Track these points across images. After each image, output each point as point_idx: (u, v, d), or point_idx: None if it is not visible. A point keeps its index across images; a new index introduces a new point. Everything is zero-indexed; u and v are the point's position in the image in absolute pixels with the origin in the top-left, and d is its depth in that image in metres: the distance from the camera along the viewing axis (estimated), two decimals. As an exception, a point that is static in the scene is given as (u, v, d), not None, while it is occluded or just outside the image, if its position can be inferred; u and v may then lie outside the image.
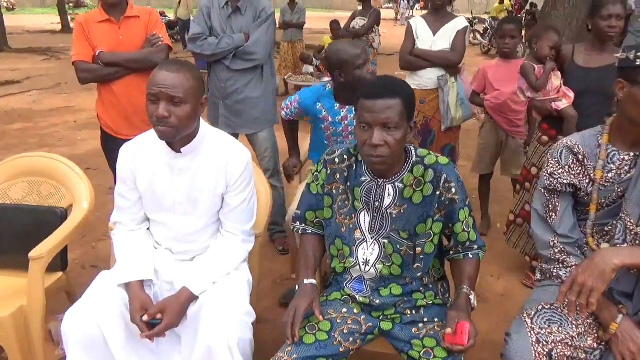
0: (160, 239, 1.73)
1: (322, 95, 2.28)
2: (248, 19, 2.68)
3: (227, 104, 2.82)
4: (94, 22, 2.43)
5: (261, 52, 2.69)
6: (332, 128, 2.26)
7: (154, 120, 1.48)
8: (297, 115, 2.40)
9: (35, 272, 1.69)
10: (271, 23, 2.73)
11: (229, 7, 2.70)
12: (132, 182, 1.66)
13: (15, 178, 2.04)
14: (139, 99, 2.49)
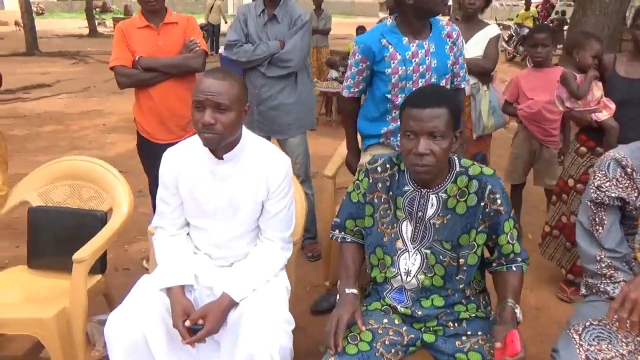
0: (199, 244, 1.74)
1: (385, 31, 1.97)
2: (284, 27, 2.70)
3: (260, 109, 2.85)
4: (134, 28, 2.48)
5: (296, 59, 2.70)
6: (400, 69, 1.94)
7: (199, 127, 1.50)
8: (362, 75, 2.04)
9: (78, 275, 1.72)
10: (306, 30, 2.75)
11: (265, 15, 2.73)
12: (174, 188, 1.68)
13: (57, 181, 2.08)
14: (175, 104, 2.54)
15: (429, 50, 1.98)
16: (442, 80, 2.03)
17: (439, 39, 2.02)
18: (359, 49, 2.01)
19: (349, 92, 2.13)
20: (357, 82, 2.08)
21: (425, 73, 1.98)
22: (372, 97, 2.11)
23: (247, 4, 2.82)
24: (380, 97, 2.05)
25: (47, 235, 1.99)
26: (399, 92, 1.98)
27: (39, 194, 2.06)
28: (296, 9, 2.75)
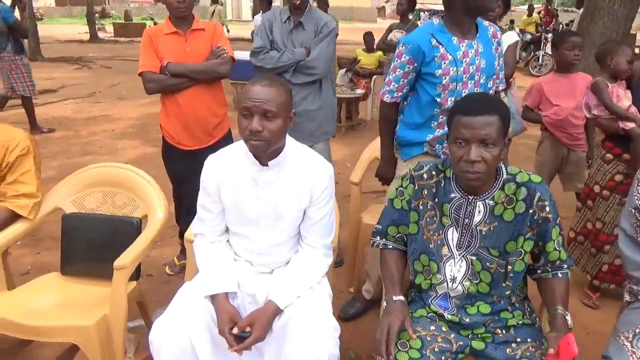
0: (240, 251, 1.74)
1: (434, 31, 1.91)
2: (309, 34, 2.71)
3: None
4: (162, 34, 2.49)
5: (322, 67, 2.71)
6: (452, 69, 1.89)
7: (247, 134, 1.50)
8: (407, 77, 1.98)
9: (119, 282, 1.71)
10: (332, 38, 2.75)
11: (290, 22, 2.74)
12: (216, 195, 1.68)
13: (90, 187, 2.07)
14: (201, 110, 2.54)
15: (478, 50, 1.94)
16: (489, 81, 2.01)
17: (486, 39, 2.00)
18: (407, 50, 1.93)
19: (392, 97, 2.06)
20: (401, 85, 2.01)
21: (475, 74, 1.94)
22: (417, 102, 2.04)
23: (272, 10, 2.83)
24: (427, 101, 1.98)
25: (80, 242, 1.98)
26: (448, 95, 1.93)
27: (72, 201, 2.05)
28: (322, 16, 2.76)
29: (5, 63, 5.24)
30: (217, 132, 2.64)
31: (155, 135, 5.80)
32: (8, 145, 1.93)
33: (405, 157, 2.14)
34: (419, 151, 2.09)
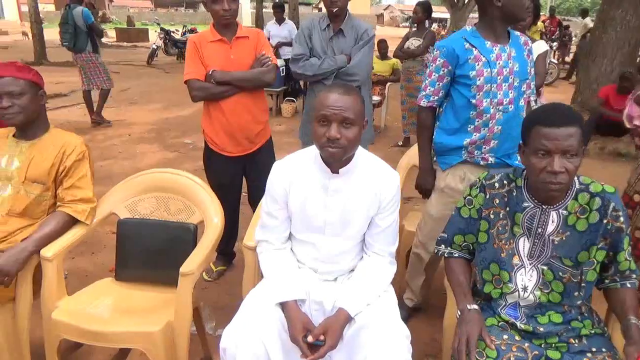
0: (304, 259, 1.74)
1: (467, 35, 2.00)
2: (350, 41, 2.73)
3: None
4: (207, 42, 2.50)
5: (362, 74, 2.73)
6: (485, 71, 1.95)
7: (323, 141, 1.51)
8: (442, 81, 2.04)
9: (185, 288, 1.71)
10: (372, 45, 2.78)
11: (330, 30, 2.76)
12: (283, 202, 1.68)
13: (143, 193, 2.07)
14: (244, 117, 2.55)
15: (511, 54, 2.01)
16: (523, 85, 2.06)
17: (518, 45, 2.07)
18: (441, 54, 2.01)
19: (428, 101, 2.12)
20: (437, 89, 2.08)
21: (509, 77, 2.00)
22: (452, 107, 2.09)
23: (310, 18, 2.85)
24: (462, 104, 2.04)
25: (136, 247, 1.98)
26: (483, 97, 1.99)
27: (126, 206, 2.05)
28: (361, 23, 2.78)
29: (84, 61, 5.92)
30: (259, 139, 2.65)
31: (172, 140, 5.82)
32: (65, 150, 1.94)
33: (445, 167, 2.16)
34: (457, 159, 2.12)
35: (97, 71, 6.03)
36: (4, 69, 1.87)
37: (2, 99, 1.84)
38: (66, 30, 5.75)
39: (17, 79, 1.86)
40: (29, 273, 1.78)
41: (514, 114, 2.06)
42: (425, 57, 5.45)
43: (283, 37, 7.18)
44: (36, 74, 1.96)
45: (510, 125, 2.05)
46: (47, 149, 1.93)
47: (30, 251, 1.76)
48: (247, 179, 2.77)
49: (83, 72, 6.02)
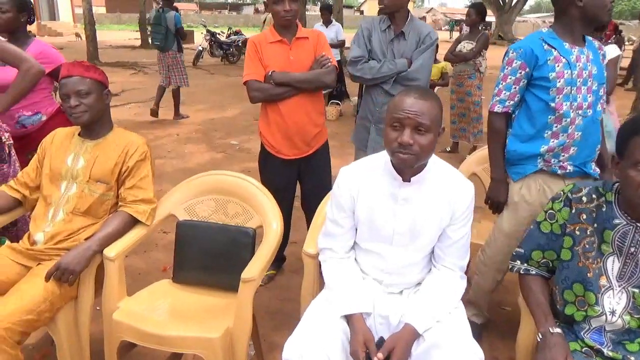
0: (369, 269, 1.67)
1: (545, 36, 1.91)
2: (411, 44, 2.64)
3: (379, 128, 2.78)
4: (267, 43, 2.47)
5: (423, 79, 2.62)
6: (566, 72, 1.85)
7: (394, 147, 1.44)
8: (519, 84, 1.94)
9: (245, 294, 1.67)
10: (433, 49, 2.67)
11: (390, 31, 2.67)
12: (350, 209, 1.62)
13: (202, 195, 2.05)
14: (302, 119, 2.51)
15: (589, 57, 1.91)
16: (600, 89, 1.95)
17: (594, 49, 1.96)
18: (518, 55, 1.92)
19: (504, 106, 1.99)
20: (513, 93, 1.96)
21: (588, 79, 1.89)
22: (527, 111, 1.97)
23: (371, 19, 2.76)
24: (539, 108, 1.92)
25: (194, 250, 1.96)
26: (563, 100, 1.88)
27: (185, 208, 2.04)
28: (424, 26, 2.67)
29: (169, 59, 6.58)
30: (315, 142, 2.59)
31: (219, 141, 5.87)
32: (127, 150, 1.94)
33: (517, 177, 2.02)
34: (532, 168, 1.98)
35: (179, 70, 6.64)
36: (72, 68, 1.88)
37: (70, 98, 1.86)
38: (158, 31, 6.45)
39: (84, 78, 1.88)
40: (92, 272, 1.78)
41: (592, 119, 1.92)
42: (477, 60, 5.28)
43: (330, 39, 7.13)
44: (102, 73, 1.97)
45: (589, 131, 1.92)
46: (111, 149, 1.94)
47: (94, 250, 1.76)
48: (301, 183, 2.72)
49: (165, 69, 6.64)
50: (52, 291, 1.69)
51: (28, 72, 2.20)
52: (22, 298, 1.63)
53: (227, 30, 16.49)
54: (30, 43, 2.50)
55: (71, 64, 1.90)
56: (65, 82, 1.87)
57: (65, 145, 1.97)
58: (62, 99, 1.90)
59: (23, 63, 2.19)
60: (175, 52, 6.56)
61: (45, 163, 1.97)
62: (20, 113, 2.48)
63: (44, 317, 1.67)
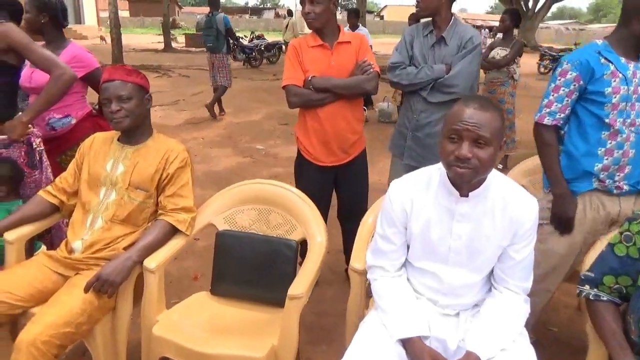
0: (422, 289, 1.57)
1: (602, 49, 1.83)
2: (452, 49, 2.53)
3: (416, 135, 2.69)
4: (308, 47, 2.40)
5: (461, 85, 2.48)
6: (622, 88, 1.77)
7: (452, 160, 1.34)
8: (571, 97, 1.85)
9: (292, 312, 1.58)
10: (476, 54, 2.55)
11: (432, 36, 2.57)
12: (402, 225, 1.52)
13: (243, 204, 1.98)
14: (341, 126, 2.42)
15: None
16: None
17: None
18: (574, 66, 1.83)
19: (554, 119, 1.88)
20: (564, 105, 1.86)
21: None
22: (578, 127, 1.87)
23: (415, 25, 2.67)
24: (592, 124, 1.83)
25: (234, 261, 1.88)
26: (617, 116, 1.78)
27: (225, 217, 1.97)
28: (467, 30, 2.55)
29: (217, 60, 6.93)
30: (354, 149, 2.50)
31: (244, 145, 5.82)
32: (168, 156, 1.88)
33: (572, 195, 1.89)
34: (587, 187, 1.85)
35: (225, 71, 7.00)
36: (113, 72, 1.83)
37: (111, 102, 1.80)
38: (210, 33, 6.84)
39: (126, 83, 1.82)
40: (131, 283, 1.72)
41: None
42: (511, 68, 5.14)
43: (356, 44, 7.05)
44: (144, 77, 1.91)
45: None
46: (151, 155, 1.88)
47: (134, 261, 1.70)
48: (337, 191, 2.62)
49: (214, 69, 7.02)
50: (91, 303, 1.63)
51: (59, 78, 2.14)
52: (61, 310, 1.57)
53: (250, 34, 16.56)
54: (65, 47, 2.46)
55: (113, 68, 1.85)
56: (107, 86, 1.82)
57: (104, 151, 1.92)
58: (102, 104, 1.84)
59: (55, 69, 2.13)
60: (224, 53, 6.95)
61: (84, 168, 1.92)
62: (51, 115, 2.44)
63: (82, 330, 1.61)
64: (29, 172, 2.19)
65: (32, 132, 2.21)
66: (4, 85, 2.05)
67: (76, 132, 2.49)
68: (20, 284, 1.69)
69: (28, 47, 2.07)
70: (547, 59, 15.69)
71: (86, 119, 2.56)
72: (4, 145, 2.09)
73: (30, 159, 2.17)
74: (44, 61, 2.13)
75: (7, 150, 2.10)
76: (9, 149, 2.11)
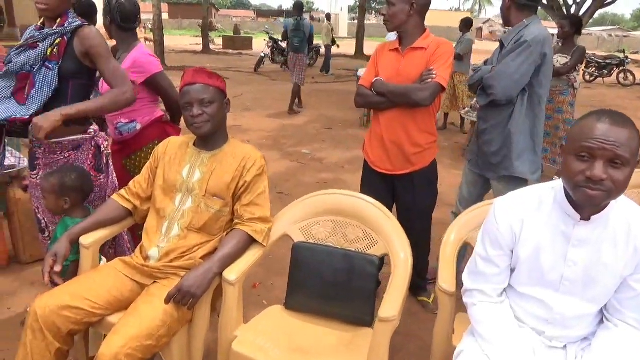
0: (525, 317, 1.44)
1: None
2: (507, 51, 2.39)
3: (479, 142, 2.59)
4: (386, 50, 2.36)
5: (499, 86, 2.28)
6: None
7: (581, 180, 1.21)
8: None
9: (382, 336, 1.48)
10: (522, 53, 2.25)
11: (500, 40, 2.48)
12: (508, 248, 1.40)
13: (319, 216, 1.89)
14: (398, 135, 2.32)
15: None
16: None
17: None
18: None
19: None
20: None
21: None
22: None
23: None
24: None
25: (311, 275, 1.80)
26: None
27: (300, 228, 1.88)
28: (532, 31, 2.30)
29: (297, 60, 7.70)
30: (415, 161, 2.37)
31: (290, 149, 5.77)
32: (245, 163, 1.81)
33: None
34: None
35: (301, 70, 7.76)
36: (196, 75, 1.77)
37: (193, 106, 1.75)
38: (297, 35, 7.65)
39: (208, 86, 1.76)
40: (209, 296, 1.66)
41: None
42: (572, 76, 4.91)
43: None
44: (223, 81, 1.86)
45: None
46: (228, 162, 1.81)
47: (215, 273, 1.63)
48: (396, 202, 2.50)
49: (295, 68, 7.77)
50: (171, 314, 1.57)
51: (117, 96, 1.97)
52: (142, 321, 1.51)
53: (288, 37, 16.59)
54: (131, 50, 2.42)
55: (195, 71, 1.79)
56: (188, 89, 1.76)
57: (180, 156, 1.86)
58: (182, 108, 1.79)
59: (119, 86, 1.98)
60: (304, 54, 7.75)
61: (159, 174, 1.87)
62: (119, 120, 2.42)
63: (162, 343, 1.55)
64: (94, 175, 2.16)
65: (101, 135, 2.18)
66: (79, 88, 2.02)
67: (142, 138, 2.46)
68: (98, 291, 1.64)
69: (103, 56, 1.98)
70: (593, 66, 15.17)
71: (152, 125, 2.51)
72: (73, 147, 2.05)
73: (97, 162, 2.13)
74: (112, 75, 1.99)
75: (75, 153, 2.06)
76: (77, 150, 2.07)
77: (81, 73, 1.99)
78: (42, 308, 1.56)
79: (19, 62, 1.91)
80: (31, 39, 1.93)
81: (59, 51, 1.91)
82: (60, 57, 1.92)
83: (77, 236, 1.79)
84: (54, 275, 1.68)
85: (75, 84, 1.99)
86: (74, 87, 1.99)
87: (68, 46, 1.93)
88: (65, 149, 2.02)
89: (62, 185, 1.90)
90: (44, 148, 2.01)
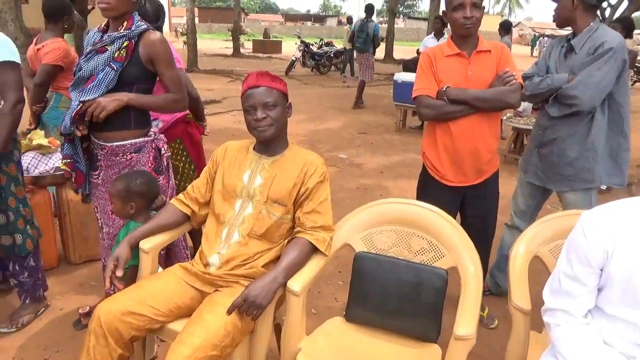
0: (614, 340, 1.34)
1: None
2: (581, 57, 2.27)
3: (541, 152, 2.47)
4: (443, 56, 2.22)
5: (583, 97, 2.20)
6: None
7: None
8: None
9: (458, 354, 1.41)
10: (608, 60, 2.17)
11: (568, 44, 2.35)
12: (598, 266, 1.30)
13: (381, 225, 1.83)
14: (475, 143, 2.21)
15: None
16: None
17: None
18: None
19: None
20: None
21: None
22: None
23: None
24: None
25: (373, 287, 1.73)
26: None
27: (362, 238, 1.82)
28: (604, 35, 2.23)
29: (362, 59, 8.67)
30: (486, 169, 2.29)
31: (327, 154, 5.71)
32: (307, 170, 1.76)
33: None
34: None
35: (368, 68, 8.61)
36: (260, 78, 1.74)
37: (256, 110, 1.71)
38: (360, 36, 8.59)
39: (272, 89, 1.73)
40: (272, 306, 1.60)
41: None
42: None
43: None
44: (285, 84, 1.81)
45: None
46: (289, 167, 1.77)
47: (280, 283, 1.58)
48: (462, 212, 2.41)
49: (361, 66, 8.67)
50: (235, 324, 1.53)
51: (174, 101, 2.06)
52: (207, 331, 1.47)
53: (319, 41, 16.62)
54: None
55: (259, 74, 1.76)
56: (251, 92, 1.73)
57: (240, 160, 1.83)
58: (245, 111, 1.76)
59: (176, 93, 2.05)
60: (369, 53, 8.57)
61: (217, 178, 1.84)
62: None
63: (225, 353, 1.51)
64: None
65: (161, 137, 2.18)
66: (141, 92, 2.02)
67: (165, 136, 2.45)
68: (161, 298, 1.62)
69: (166, 63, 1.99)
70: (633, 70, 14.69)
71: (175, 125, 2.53)
72: (135, 149, 2.05)
73: (157, 165, 2.12)
74: (171, 81, 2.02)
75: (137, 155, 2.06)
76: (138, 153, 2.07)
77: (145, 78, 2.01)
78: (105, 313, 1.54)
79: (89, 68, 1.94)
80: (99, 44, 1.94)
81: (127, 53, 1.92)
82: (126, 59, 1.92)
83: (137, 240, 1.77)
84: (115, 279, 1.67)
85: (139, 88, 2.01)
86: (137, 92, 2.00)
87: (134, 50, 1.93)
88: (128, 152, 2.02)
89: (128, 191, 1.89)
90: (106, 150, 2.01)
